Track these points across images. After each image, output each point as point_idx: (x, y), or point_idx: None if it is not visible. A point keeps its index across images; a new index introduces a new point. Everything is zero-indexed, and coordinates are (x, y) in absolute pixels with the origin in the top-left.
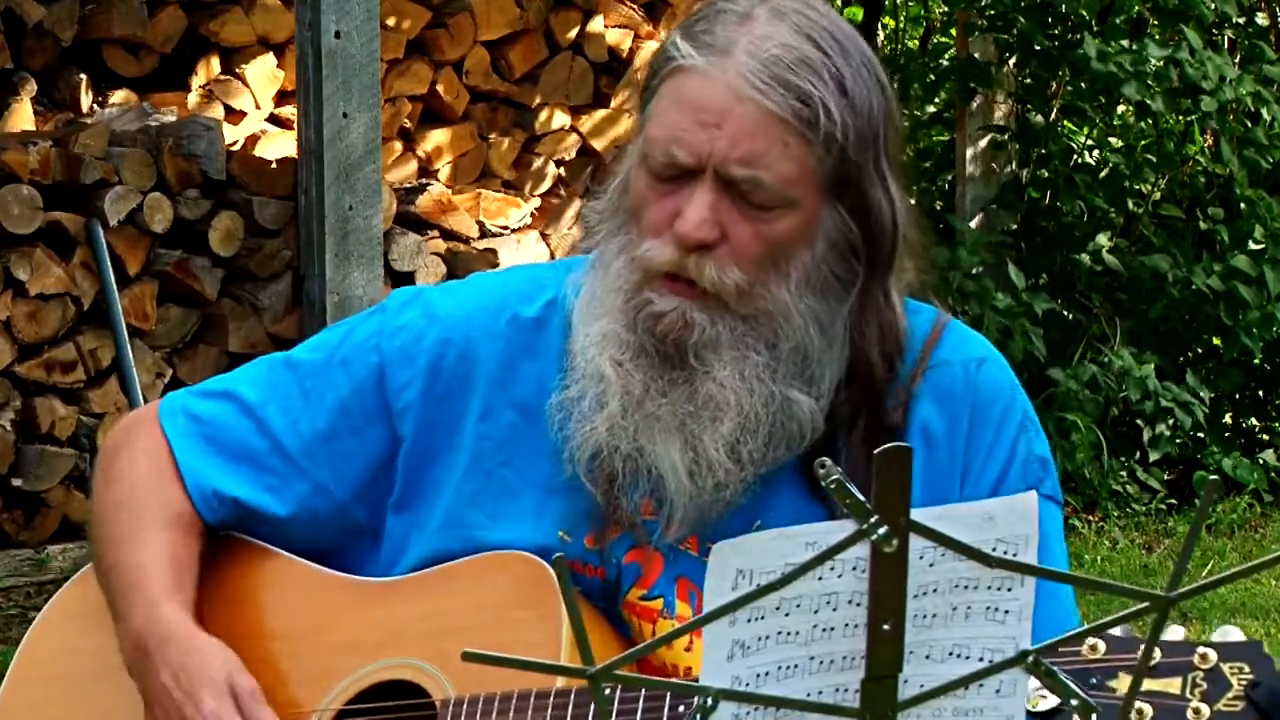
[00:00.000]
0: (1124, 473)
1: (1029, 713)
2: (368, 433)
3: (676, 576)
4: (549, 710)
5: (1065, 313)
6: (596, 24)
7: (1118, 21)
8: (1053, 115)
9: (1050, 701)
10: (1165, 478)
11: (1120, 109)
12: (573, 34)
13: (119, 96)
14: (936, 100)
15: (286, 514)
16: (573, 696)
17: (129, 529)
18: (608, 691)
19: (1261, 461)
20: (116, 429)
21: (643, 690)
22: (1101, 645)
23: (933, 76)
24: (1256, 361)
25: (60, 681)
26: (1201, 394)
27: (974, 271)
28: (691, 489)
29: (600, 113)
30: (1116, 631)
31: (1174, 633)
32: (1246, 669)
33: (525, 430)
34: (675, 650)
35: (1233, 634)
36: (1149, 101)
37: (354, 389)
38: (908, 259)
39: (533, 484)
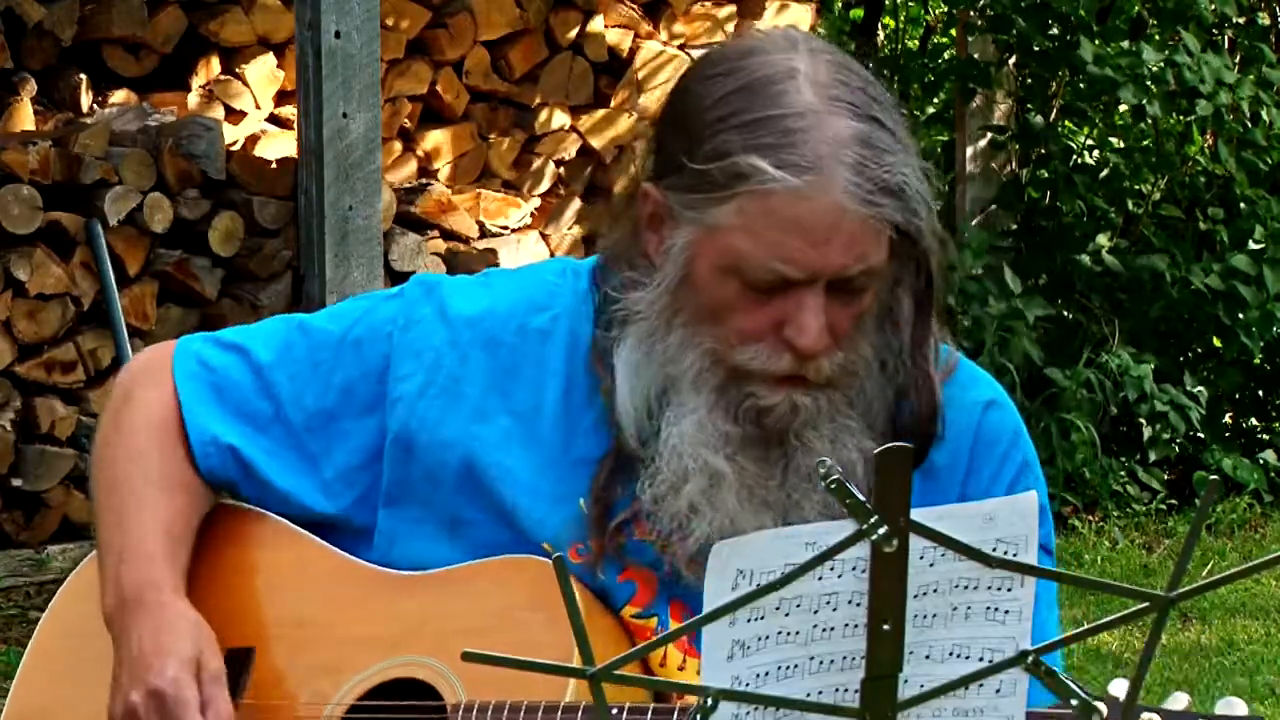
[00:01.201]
0: (1124, 473)
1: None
2: (366, 419)
3: (670, 599)
4: None
5: (1065, 313)
6: (596, 24)
7: (1119, 23)
8: (1053, 115)
9: None
10: (1165, 478)
11: (1120, 109)
12: (573, 34)
13: (119, 96)
14: (936, 100)
15: (275, 481)
16: (580, 711)
17: (129, 487)
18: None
19: (1261, 461)
20: (132, 366)
21: (652, 700)
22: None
23: (932, 77)
24: (1256, 361)
25: (76, 654)
26: (1199, 396)
27: (975, 273)
28: None
29: (600, 112)
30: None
31: (1178, 700)
32: None
33: (519, 436)
34: (669, 668)
35: (1237, 707)
36: (1146, 106)
37: (362, 373)
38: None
39: (523, 489)
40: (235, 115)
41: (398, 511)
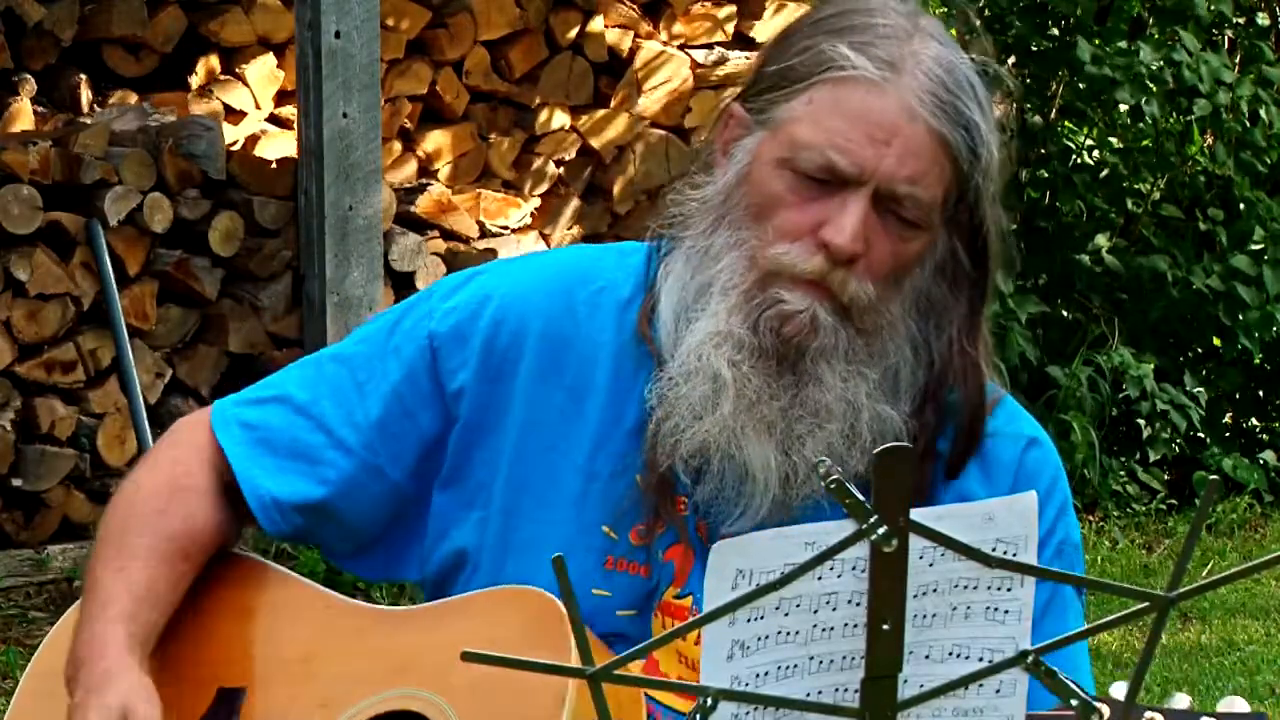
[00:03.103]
0: (1124, 473)
1: None
2: (420, 415)
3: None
4: None
5: (1064, 313)
6: (596, 24)
7: (1121, 26)
8: (1052, 115)
9: None
10: (1165, 478)
11: (1119, 109)
12: (573, 34)
13: (119, 96)
14: None
15: (344, 503)
16: None
17: (114, 549)
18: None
19: (1261, 461)
20: (165, 436)
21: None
22: (1105, 710)
23: None
24: (1256, 361)
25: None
26: (1199, 396)
27: None
28: (780, 495)
29: (600, 112)
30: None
31: (1179, 700)
32: None
33: (573, 413)
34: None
35: (1238, 705)
36: (1144, 106)
37: (406, 374)
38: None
39: (577, 469)
40: (235, 115)
41: (451, 494)
